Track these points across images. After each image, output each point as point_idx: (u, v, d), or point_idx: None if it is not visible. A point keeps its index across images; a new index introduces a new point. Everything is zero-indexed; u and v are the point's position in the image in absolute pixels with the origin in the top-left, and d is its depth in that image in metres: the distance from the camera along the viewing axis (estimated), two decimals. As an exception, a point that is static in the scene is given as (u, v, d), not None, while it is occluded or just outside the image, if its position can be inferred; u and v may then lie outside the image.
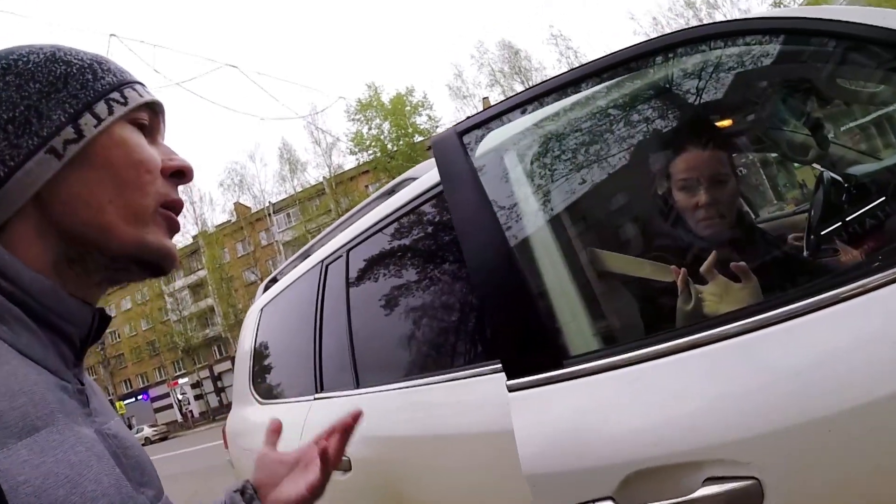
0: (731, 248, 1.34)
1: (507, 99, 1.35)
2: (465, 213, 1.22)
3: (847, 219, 1.40)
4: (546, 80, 1.33)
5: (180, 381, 46.32)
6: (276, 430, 1.05)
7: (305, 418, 2.12)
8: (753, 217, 2.06)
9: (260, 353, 2.97)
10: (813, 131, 1.74)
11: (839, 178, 1.52)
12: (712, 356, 0.93)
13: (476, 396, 1.35)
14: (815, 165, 1.83)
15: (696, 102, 1.46)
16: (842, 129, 2.10)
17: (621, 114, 1.41)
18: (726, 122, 1.75)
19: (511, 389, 1.08)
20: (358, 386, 1.88)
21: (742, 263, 1.13)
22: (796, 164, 2.47)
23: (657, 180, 1.45)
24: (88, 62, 0.66)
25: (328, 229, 2.58)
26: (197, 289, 44.93)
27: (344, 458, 1.42)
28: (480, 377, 1.35)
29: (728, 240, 1.38)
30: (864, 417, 0.80)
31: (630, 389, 0.97)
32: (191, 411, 45.52)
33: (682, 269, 1.18)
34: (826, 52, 1.16)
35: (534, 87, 1.33)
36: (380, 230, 1.94)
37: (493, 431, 1.22)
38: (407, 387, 1.61)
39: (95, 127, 0.63)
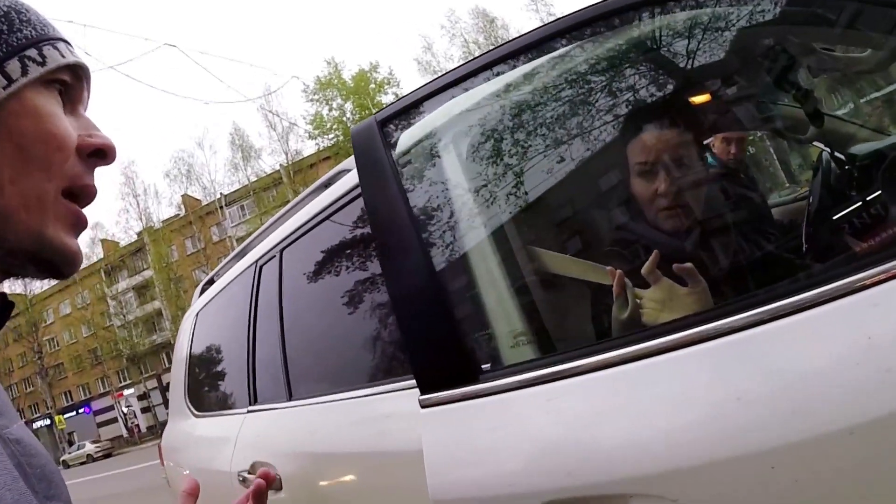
0: (696, 245, 1.29)
1: (435, 80, 1.33)
2: (379, 212, 1.22)
3: (845, 207, 1.33)
4: (480, 56, 1.31)
5: (125, 392, 45.58)
6: (192, 494, 0.91)
7: (238, 434, 2.12)
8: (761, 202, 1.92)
9: (195, 362, 2.96)
10: (804, 105, 1.64)
11: (841, 158, 1.48)
12: (643, 374, 0.90)
13: (411, 410, 1.35)
14: (815, 144, 1.76)
15: (660, 74, 1.39)
16: (855, 101, 2.01)
17: (571, 90, 1.35)
18: (697, 98, 1.60)
19: (423, 405, 1.07)
20: (290, 398, 1.88)
21: (688, 265, 1.07)
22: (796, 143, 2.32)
23: (612, 165, 1.38)
24: (5, 10, 0.60)
25: (264, 226, 2.56)
26: (142, 291, 44.25)
27: (276, 475, 1.42)
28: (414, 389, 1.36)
29: (692, 234, 1.29)
30: (814, 452, 0.77)
31: (549, 408, 0.96)
32: (137, 425, 44.83)
33: (618, 272, 1.12)
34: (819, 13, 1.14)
35: (466, 63, 1.30)
36: (314, 227, 1.93)
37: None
38: (340, 399, 1.61)
39: (4, 89, 0.57)
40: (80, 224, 0.62)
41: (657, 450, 0.85)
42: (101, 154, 0.64)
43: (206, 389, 2.86)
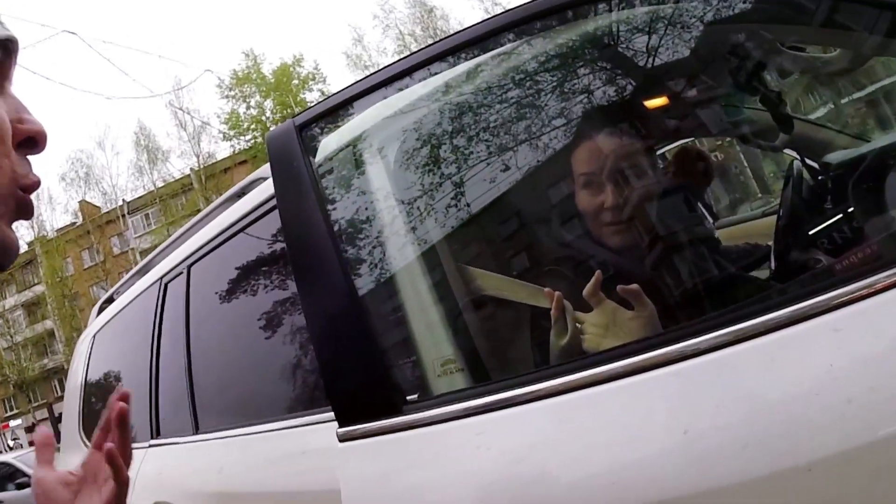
0: (646, 264, 1.26)
1: (362, 80, 1.31)
2: (295, 226, 1.19)
3: (816, 222, 1.34)
4: (413, 53, 1.29)
5: (11, 423, 43.07)
6: (46, 444, 0.86)
7: (138, 470, 2.01)
8: (710, 221, 1.90)
9: (91, 390, 2.86)
10: (771, 109, 1.59)
11: (815, 167, 1.49)
12: (582, 406, 0.89)
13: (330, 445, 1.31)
14: (787, 152, 1.76)
15: (614, 74, 1.37)
16: (835, 104, 2.04)
17: (516, 91, 1.32)
18: (653, 101, 1.56)
19: (341, 439, 1.05)
20: (197, 431, 1.82)
21: (633, 286, 1.05)
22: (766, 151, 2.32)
23: (558, 176, 1.36)
24: None
25: (171, 238, 2.47)
26: (33, 308, 42.10)
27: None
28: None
29: (641, 252, 1.26)
30: (768, 491, 0.76)
31: (479, 443, 0.94)
32: (25, 460, 42.48)
33: (556, 294, 1.10)
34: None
35: (398, 62, 1.28)
36: (226, 241, 1.87)
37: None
38: (252, 433, 1.56)
39: None
40: (26, 211, 0.59)
41: (596, 490, 0.85)
42: (32, 143, 0.59)
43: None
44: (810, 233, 1.39)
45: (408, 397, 1.06)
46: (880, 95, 1.77)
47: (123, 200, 38.56)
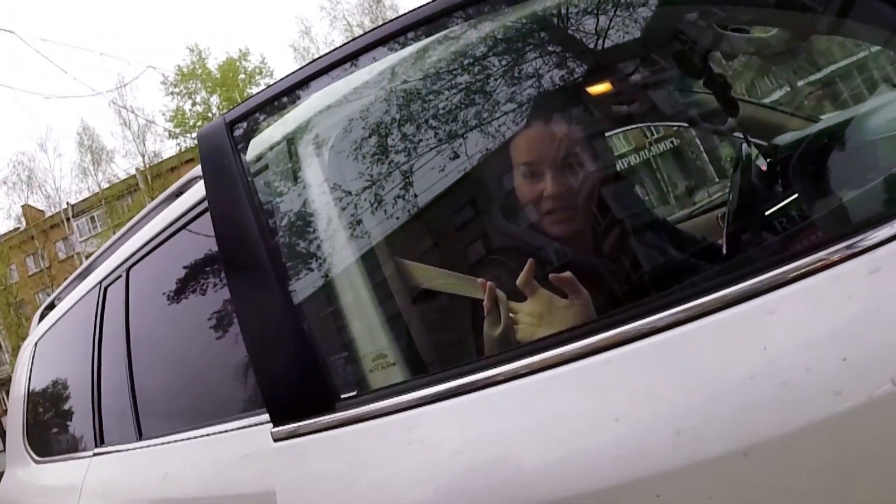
0: (588, 251, 1.28)
1: (293, 73, 1.29)
2: (225, 222, 1.18)
3: (764, 204, 1.33)
4: (346, 43, 1.27)
5: (-42, 438, 41.72)
6: None
7: (83, 481, 1.98)
8: (651, 208, 1.91)
9: (35, 399, 2.81)
10: (717, 92, 1.60)
11: (763, 150, 1.49)
12: (514, 397, 0.89)
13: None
14: (735, 135, 1.77)
15: (555, 58, 1.35)
16: (791, 85, 2.05)
17: (451, 77, 1.31)
18: (596, 86, 1.54)
19: (276, 438, 1.05)
20: (140, 437, 1.80)
21: (566, 274, 1.05)
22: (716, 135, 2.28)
23: (496, 163, 1.33)
24: None
25: (109, 241, 2.42)
26: (-24, 318, 40.63)
27: None
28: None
29: (581, 239, 1.27)
30: (703, 477, 0.77)
31: (410, 437, 0.94)
32: (-26, 476, 41.23)
33: (488, 283, 1.10)
34: None
35: (330, 53, 1.26)
36: (164, 241, 1.84)
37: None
38: (195, 437, 1.55)
39: None
40: None
41: (528, 482, 0.85)
42: None
43: (48, 431, 2.71)
44: (761, 216, 1.40)
45: (343, 395, 1.05)
46: (834, 77, 1.78)
47: (68, 203, 37.51)
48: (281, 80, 1.29)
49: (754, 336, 0.78)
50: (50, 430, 2.67)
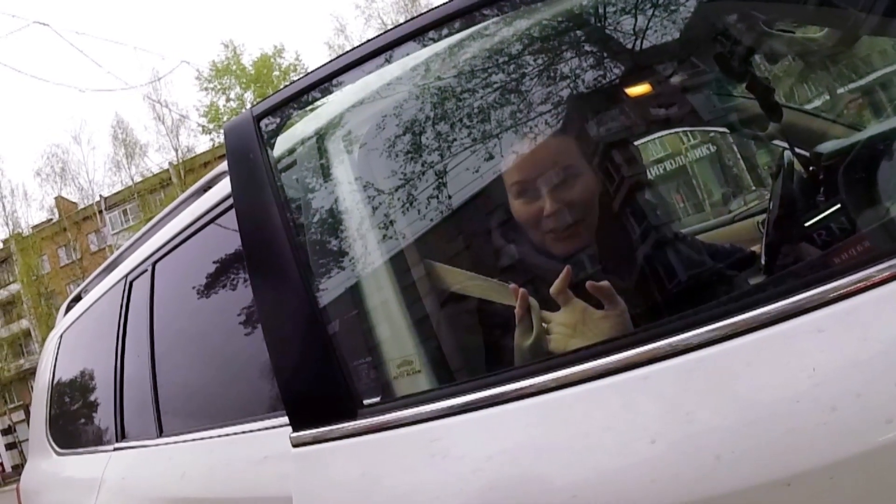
0: (608, 265, 1.22)
1: (323, 66, 1.26)
2: (251, 221, 1.17)
3: (808, 215, 1.29)
4: (379, 35, 1.23)
5: (-13, 425, 42.70)
6: None
7: (102, 475, 1.99)
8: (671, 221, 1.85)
9: (58, 391, 2.83)
10: (759, 96, 1.52)
11: (806, 158, 1.45)
12: (544, 411, 0.86)
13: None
14: (776, 143, 1.72)
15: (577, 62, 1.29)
16: (831, 92, 1.97)
17: (486, 75, 1.27)
18: (632, 90, 1.45)
19: (295, 444, 1.04)
20: (161, 434, 1.80)
21: (604, 283, 1.01)
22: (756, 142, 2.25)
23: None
24: None
25: (136, 234, 2.44)
26: (8, 307, 41.69)
27: None
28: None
29: (588, 256, 1.21)
30: None
31: (434, 450, 0.92)
32: (1, 464, 42.08)
33: (521, 290, 1.05)
34: None
35: (360, 46, 1.23)
36: (191, 236, 1.84)
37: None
38: (215, 437, 1.54)
39: None
40: None
41: (555, 502, 0.82)
42: None
43: (70, 423, 2.73)
44: (802, 226, 1.36)
45: (366, 401, 1.03)
46: (876, 85, 1.70)
47: (101, 196, 38.25)
48: (310, 73, 1.27)
49: (801, 356, 0.74)
50: (72, 422, 2.69)
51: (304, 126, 1.29)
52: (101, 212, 38.56)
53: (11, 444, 42.24)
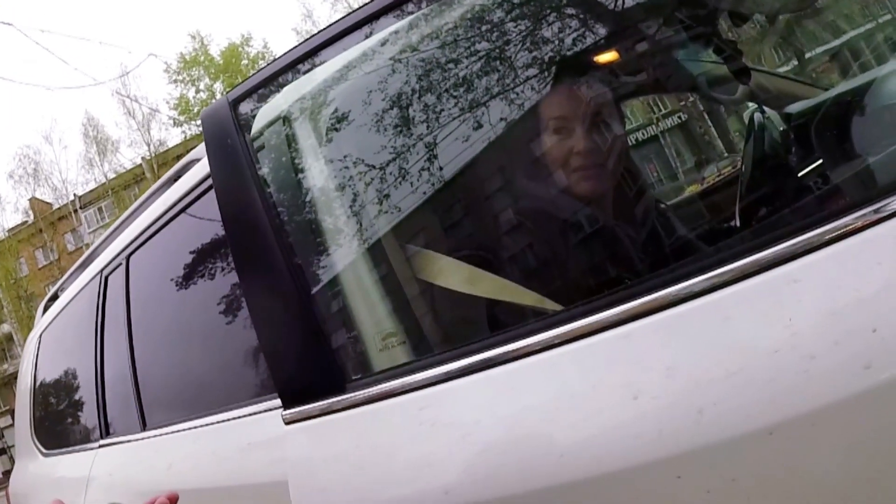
0: (609, 214, 1.25)
1: (295, 48, 1.26)
2: (231, 204, 1.18)
3: (778, 173, 1.31)
4: (348, 14, 1.23)
5: (-26, 431, 42.35)
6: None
7: (89, 472, 1.98)
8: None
9: (41, 391, 2.81)
10: (726, 59, 1.57)
11: (775, 119, 1.46)
12: (527, 373, 0.87)
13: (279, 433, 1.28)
14: (747, 104, 1.74)
15: (575, 25, 1.30)
16: (798, 54, 2.00)
17: (467, 42, 1.25)
18: (610, 54, 1.47)
19: (287, 421, 1.05)
20: (145, 427, 1.79)
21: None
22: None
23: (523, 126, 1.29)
24: None
25: (110, 229, 2.41)
26: (-13, 312, 41.06)
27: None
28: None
29: (606, 202, 1.25)
30: (727, 457, 0.74)
31: (422, 418, 0.92)
32: (-8, 470, 41.83)
33: None
34: None
35: (333, 24, 1.23)
36: (163, 227, 1.82)
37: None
38: (200, 426, 1.53)
39: None
40: None
41: (544, 463, 0.82)
42: None
43: (55, 423, 2.72)
44: (776, 185, 1.37)
45: (353, 375, 1.04)
46: (844, 48, 1.73)
47: (75, 195, 37.74)
48: (284, 54, 1.27)
49: (778, 307, 0.75)
50: (56, 422, 2.68)
51: (275, 106, 1.27)
52: (76, 211, 38.07)
53: (1, 449, 41.96)
